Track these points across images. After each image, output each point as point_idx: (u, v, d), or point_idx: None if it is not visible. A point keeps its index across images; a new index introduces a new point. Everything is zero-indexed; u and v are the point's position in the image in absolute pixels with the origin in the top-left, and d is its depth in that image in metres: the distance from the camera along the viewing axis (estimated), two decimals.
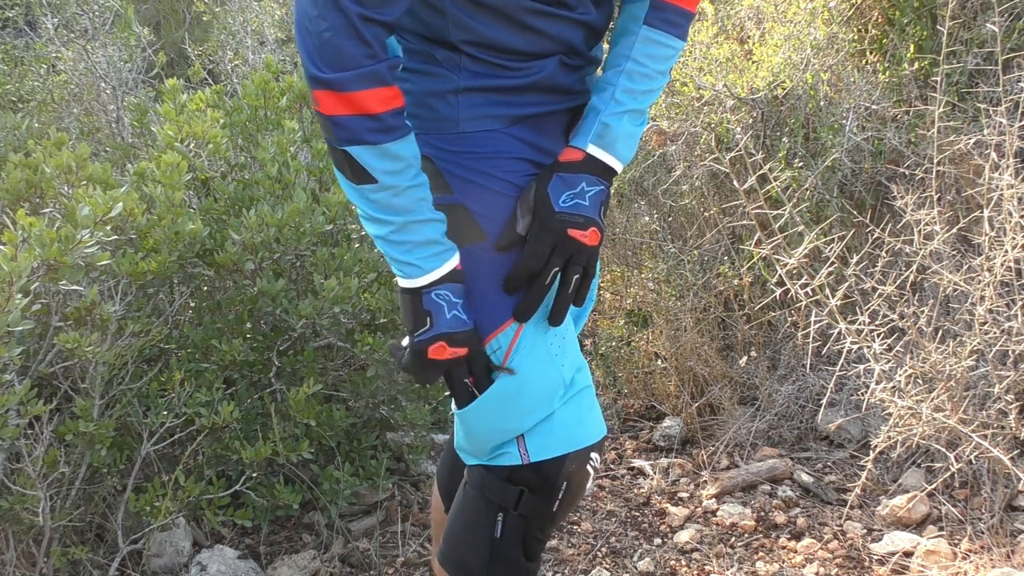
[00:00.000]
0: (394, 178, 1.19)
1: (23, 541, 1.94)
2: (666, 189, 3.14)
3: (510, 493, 1.34)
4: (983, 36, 2.64)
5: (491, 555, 1.35)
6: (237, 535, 2.39)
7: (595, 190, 1.29)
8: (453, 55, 1.28)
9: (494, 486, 1.35)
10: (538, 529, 1.36)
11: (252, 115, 2.53)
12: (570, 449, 1.32)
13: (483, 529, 1.35)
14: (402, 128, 1.19)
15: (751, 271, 2.82)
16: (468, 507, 1.39)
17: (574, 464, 1.33)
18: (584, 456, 1.33)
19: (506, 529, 1.34)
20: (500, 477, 1.34)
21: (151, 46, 4.16)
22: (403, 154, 1.19)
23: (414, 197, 1.22)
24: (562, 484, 1.33)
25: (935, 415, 2.10)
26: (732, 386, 2.90)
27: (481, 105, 1.29)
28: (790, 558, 2.24)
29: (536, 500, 1.33)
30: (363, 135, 1.16)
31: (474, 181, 1.30)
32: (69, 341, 1.80)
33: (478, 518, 1.36)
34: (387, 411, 2.42)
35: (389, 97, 1.15)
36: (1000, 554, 2.08)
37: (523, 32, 1.27)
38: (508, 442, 1.33)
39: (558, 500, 1.34)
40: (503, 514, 1.34)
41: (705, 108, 2.99)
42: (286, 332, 2.25)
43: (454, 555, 1.39)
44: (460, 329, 1.26)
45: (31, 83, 3.95)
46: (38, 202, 2.11)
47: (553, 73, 1.31)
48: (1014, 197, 2.07)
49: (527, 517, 1.34)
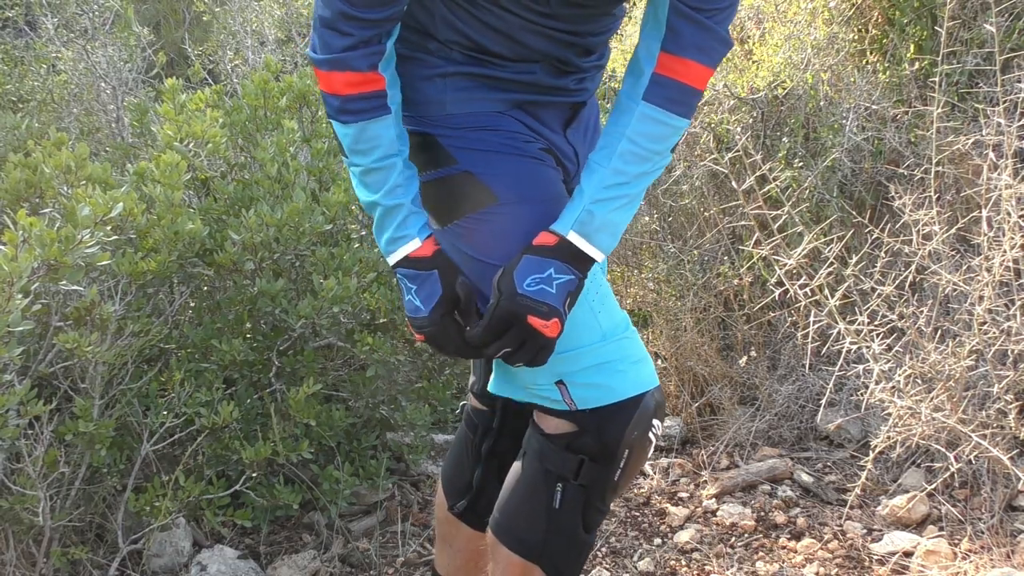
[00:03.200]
0: (358, 157, 1.27)
1: (23, 541, 1.94)
2: (666, 189, 3.14)
3: (570, 462, 1.30)
4: (983, 36, 2.64)
5: (548, 526, 1.32)
6: (237, 535, 2.39)
7: (564, 279, 1.23)
8: (443, 47, 1.31)
9: (554, 455, 1.31)
10: (599, 499, 1.33)
11: (252, 115, 2.53)
12: (616, 398, 1.28)
13: (541, 499, 1.32)
14: (367, 112, 1.25)
15: (751, 271, 2.82)
16: (527, 476, 1.35)
17: (635, 431, 1.29)
18: (646, 422, 1.30)
19: (565, 499, 1.31)
20: (561, 446, 1.31)
21: (151, 46, 4.15)
22: (367, 135, 1.25)
23: (377, 179, 1.27)
24: (623, 452, 1.30)
25: (935, 415, 2.10)
26: (732, 386, 2.90)
27: (469, 89, 1.31)
28: (790, 558, 2.24)
29: (597, 469, 1.30)
30: (333, 112, 1.26)
31: (476, 148, 1.31)
32: (69, 341, 1.80)
33: (536, 488, 1.33)
34: (387, 411, 2.42)
35: (357, 82, 1.23)
36: (1000, 554, 2.08)
37: (508, 42, 1.28)
38: (548, 386, 1.30)
39: (620, 468, 1.31)
40: (562, 484, 1.31)
41: (705, 108, 2.99)
42: (286, 332, 2.25)
43: (510, 524, 1.36)
44: (412, 314, 1.31)
45: (31, 83, 3.95)
46: (38, 202, 2.11)
47: (540, 76, 1.32)
48: (1013, 197, 2.07)
49: (587, 487, 1.31)
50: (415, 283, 1.30)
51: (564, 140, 1.40)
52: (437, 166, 1.32)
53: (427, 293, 1.29)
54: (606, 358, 1.29)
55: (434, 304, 1.29)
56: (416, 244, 1.29)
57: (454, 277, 1.30)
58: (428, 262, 1.29)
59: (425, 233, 1.30)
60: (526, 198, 1.30)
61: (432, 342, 1.32)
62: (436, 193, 1.33)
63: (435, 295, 1.29)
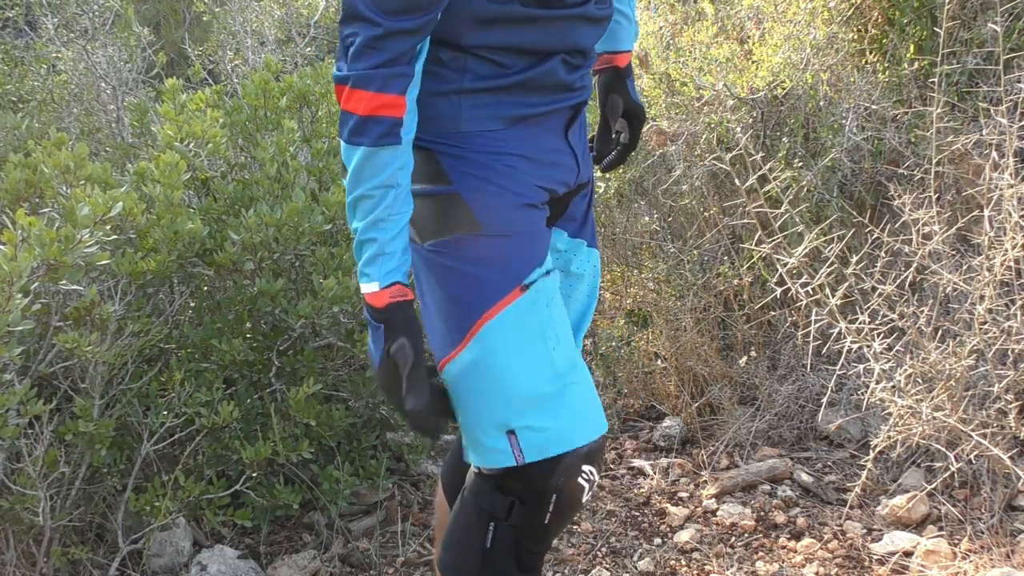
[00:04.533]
0: (359, 182, 1.24)
1: (23, 541, 1.94)
2: (666, 189, 3.14)
3: (501, 502, 1.32)
4: (983, 36, 2.64)
5: (483, 565, 1.34)
6: (237, 535, 2.39)
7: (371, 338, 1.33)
8: (459, 56, 1.29)
9: (486, 494, 1.33)
10: (531, 542, 1.34)
11: (252, 115, 2.53)
12: (566, 448, 1.29)
13: (475, 537, 1.34)
14: (380, 137, 1.22)
15: (751, 271, 2.82)
16: (463, 513, 1.38)
17: (563, 477, 1.29)
18: (575, 467, 1.30)
19: (496, 539, 1.32)
20: (491, 485, 1.33)
21: (151, 46, 4.15)
22: (374, 162, 1.23)
23: (365, 207, 1.24)
24: (551, 496, 1.30)
25: (935, 415, 2.10)
26: (732, 386, 2.90)
27: (484, 105, 1.31)
28: (790, 558, 2.24)
29: (526, 512, 1.31)
30: (347, 134, 1.23)
31: (472, 174, 1.31)
32: (69, 341, 1.80)
33: (471, 525, 1.35)
34: (387, 411, 2.42)
35: (381, 104, 1.21)
36: (1000, 554, 2.08)
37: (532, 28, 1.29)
38: (500, 438, 1.29)
39: (549, 512, 1.31)
40: (494, 523, 1.32)
41: (705, 108, 2.99)
42: (286, 332, 2.25)
43: (450, 560, 1.39)
44: (371, 356, 1.32)
45: (31, 83, 3.94)
46: (37, 202, 2.11)
47: (554, 69, 1.33)
48: (1014, 197, 2.07)
49: (518, 528, 1.32)
50: (369, 328, 1.30)
51: (566, 143, 1.41)
52: (430, 182, 1.31)
53: (375, 342, 1.29)
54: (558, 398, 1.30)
55: (378, 359, 1.28)
56: (374, 288, 1.26)
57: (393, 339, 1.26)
58: (378, 312, 1.27)
59: (388, 280, 1.26)
60: (508, 232, 1.31)
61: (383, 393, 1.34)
62: (422, 208, 1.32)
63: (379, 348, 1.28)
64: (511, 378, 1.28)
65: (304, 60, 4.52)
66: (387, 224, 1.25)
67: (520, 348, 1.29)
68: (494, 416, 1.29)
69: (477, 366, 1.29)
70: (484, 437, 1.31)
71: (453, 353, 1.31)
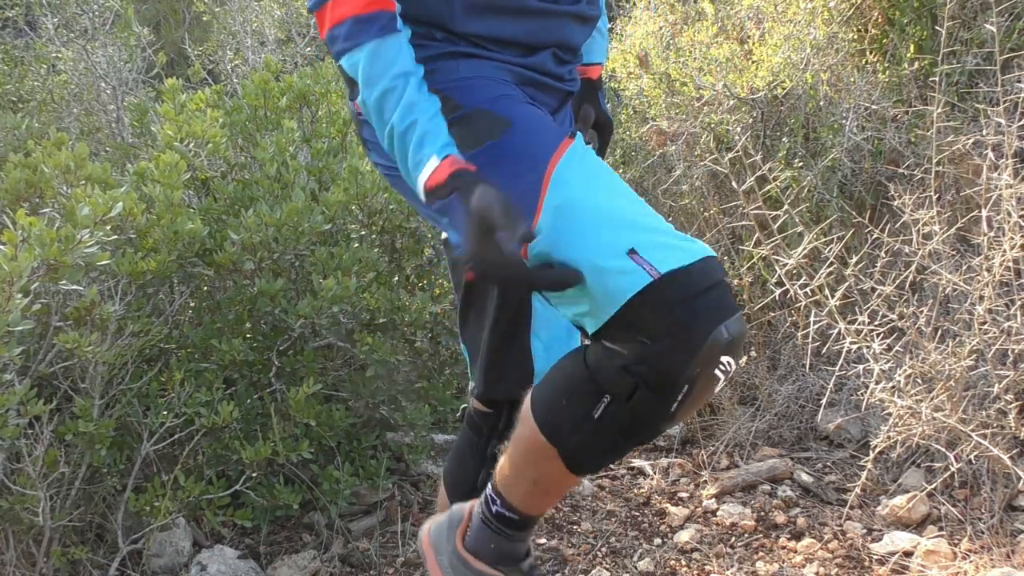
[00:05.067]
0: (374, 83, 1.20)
1: (23, 541, 1.94)
2: (666, 189, 3.14)
3: (624, 384, 1.16)
4: (983, 36, 2.64)
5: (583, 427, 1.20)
6: (237, 535, 2.39)
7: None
8: (451, 37, 1.31)
9: (607, 371, 1.17)
10: (648, 425, 1.21)
11: (252, 115, 2.53)
12: (698, 256, 1.14)
13: (583, 403, 1.20)
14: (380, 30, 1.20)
15: (751, 271, 2.82)
16: (573, 379, 1.22)
17: (700, 367, 1.14)
18: (715, 357, 1.15)
19: (608, 413, 1.18)
20: (617, 365, 1.16)
21: (151, 46, 4.16)
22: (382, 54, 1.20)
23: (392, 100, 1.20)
24: (683, 386, 1.15)
25: (935, 415, 2.10)
26: (732, 386, 2.90)
27: (481, 66, 1.32)
28: (790, 558, 2.24)
29: (651, 398, 1.16)
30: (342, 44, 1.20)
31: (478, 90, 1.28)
32: (69, 341, 1.80)
33: (580, 392, 1.21)
34: (387, 411, 2.42)
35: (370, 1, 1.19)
36: (1000, 554, 2.08)
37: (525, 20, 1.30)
38: (623, 261, 1.13)
39: (677, 401, 1.16)
40: (610, 399, 1.17)
41: (705, 108, 2.99)
42: (286, 332, 2.25)
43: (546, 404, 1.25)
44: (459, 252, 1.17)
45: (31, 83, 3.95)
46: (37, 202, 2.11)
47: (544, 61, 1.36)
48: (1013, 197, 2.07)
49: (637, 411, 1.17)
50: (446, 216, 1.19)
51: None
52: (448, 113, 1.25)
53: (455, 216, 1.16)
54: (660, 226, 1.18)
55: (465, 227, 1.13)
56: (434, 164, 1.17)
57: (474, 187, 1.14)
58: (446, 187, 1.17)
59: (444, 152, 1.18)
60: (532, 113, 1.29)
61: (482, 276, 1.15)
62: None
63: (465, 215, 1.14)
64: (603, 204, 1.18)
65: (304, 60, 4.52)
66: (422, 105, 1.20)
67: (596, 181, 1.21)
68: (605, 246, 1.14)
69: (564, 210, 1.17)
70: (606, 273, 1.13)
71: (535, 216, 1.18)
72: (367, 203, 2.43)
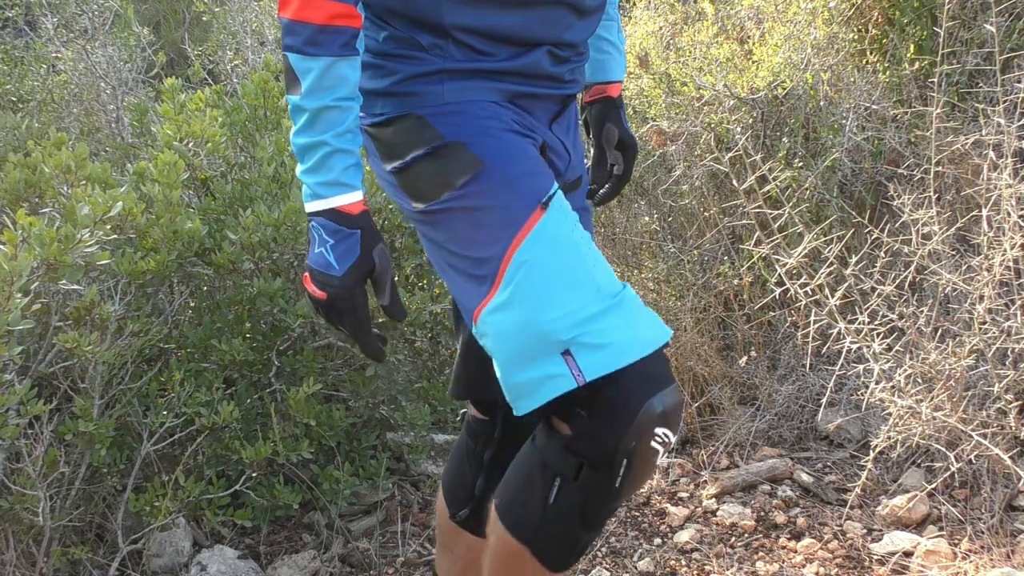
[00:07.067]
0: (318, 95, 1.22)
1: (23, 541, 1.94)
2: (666, 189, 3.14)
3: (569, 463, 1.22)
4: (983, 36, 2.64)
5: (543, 517, 1.26)
6: (237, 535, 2.39)
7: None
8: (439, 41, 1.28)
9: (553, 452, 1.24)
10: (599, 503, 1.26)
11: (251, 115, 2.53)
12: (629, 360, 1.18)
13: (538, 490, 1.26)
14: (341, 48, 1.21)
15: (751, 271, 2.82)
16: (526, 465, 1.29)
17: (635, 439, 1.19)
18: (648, 429, 1.20)
19: (561, 496, 1.24)
20: (560, 445, 1.23)
21: (151, 46, 4.16)
22: (334, 73, 1.21)
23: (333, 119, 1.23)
24: (622, 460, 1.20)
25: (935, 415, 2.10)
26: (732, 386, 2.90)
27: (467, 86, 1.29)
28: (790, 558, 2.24)
29: (596, 476, 1.22)
30: (300, 43, 1.21)
31: (462, 122, 1.28)
32: (69, 341, 1.80)
33: (533, 478, 1.27)
34: (387, 411, 2.42)
35: (341, 14, 1.21)
36: (1000, 554, 2.08)
37: (517, 11, 1.27)
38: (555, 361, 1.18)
39: (619, 477, 1.22)
40: (560, 480, 1.24)
41: (705, 108, 2.99)
42: (285, 332, 2.25)
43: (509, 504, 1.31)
44: (321, 268, 1.26)
45: (31, 83, 3.94)
46: (37, 202, 2.11)
47: (539, 60, 1.31)
48: (1012, 197, 2.07)
49: (586, 490, 1.23)
50: (333, 238, 1.25)
51: (551, 135, 1.40)
52: (424, 144, 1.28)
53: (343, 251, 1.24)
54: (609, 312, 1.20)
55: (350, 266, 1.24)
56: (356, 197, 1.25)
57: (374, 243, 1.26)
58: (354, 220, 1.25)
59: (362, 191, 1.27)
60: (511, 155, 1.28)
61: (332, 307, 1.27)
62: (420, 171, 1.29)
63: (352, 256, 1.24)
64: (556, 297, 1.20)
65: None
66: (356, 136, 1.25)
67: (558, 267, 1.22)
68: (545, 340, 1.19)
69: (517, 298, 1.21)
70: (538, 368, 1.20)
71: (488, 296, 1.24)
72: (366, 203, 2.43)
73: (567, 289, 1.21)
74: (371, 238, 1.27)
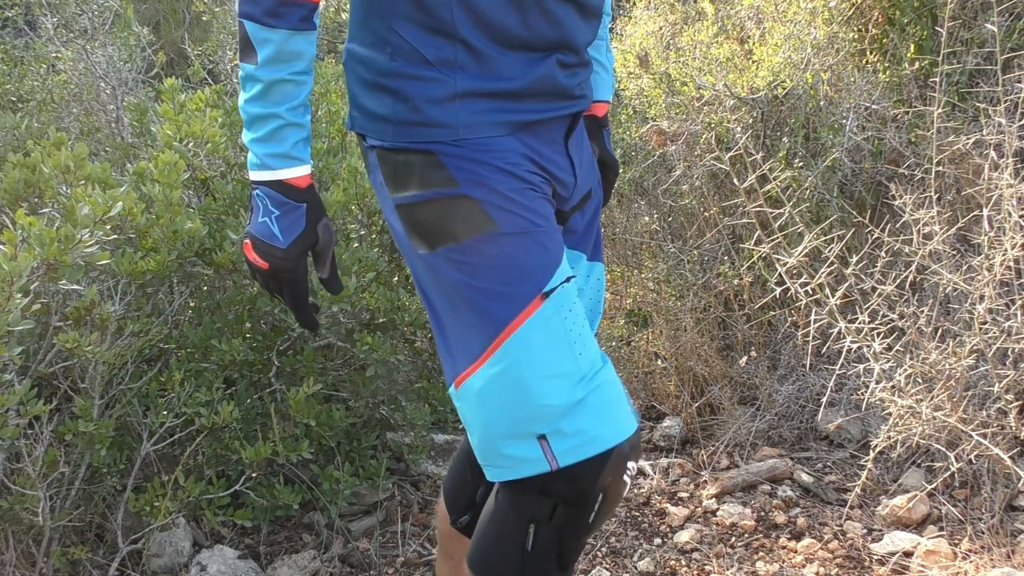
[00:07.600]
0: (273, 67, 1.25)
1: (23, 541, 1.94)
2: (666, 189, 3.14)
3: (543, 505, 1.27)
4: (983, 36, 2.64)
5: (522, 566, 1.29)
6: (237, 535, 2.39)
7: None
8: (447, 51, 1.25)
9: (526, 499, 1.28)
10: (573, 539, 1.30)
11: None
12: (601, 449, 1.23)
13: (514, 539, 1.29)
14: (299, 21, 1.23)
15: (751, 271, 2.82)
16: (500, 516, 1.32)
17: (610, 476, 1.25)
18: (620, 466, 1.26)
19: (538, 540, 1.28)
20: (533, 490, 1.27)
21: (151, 46, 4.15)
22: (291, 47, 1.24)
23: (287, 92, 1.26)
24: (598, 495, 1.26)
25: (935, 414, 2.10)
26: (732, 386, 2.90)
27: (481, 112, 1.26)
28: (790, 558, 2.24)
29: (570, 512, 1.27)
30: (261, 13, 1.22)
31: (479, 172, 1.26)
32: (69, 341, 1.80)
33: (509, 528, 1.30)
34: (387, 411, 2.42)
35: None
36: (1000, 554, 2.08)
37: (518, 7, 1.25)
38: (530, 446, 1.24)
39: (594, 512, 1.27)
40: (535, 525, 1.28)
41: (705, 108, 2.99)
42: (285, 332, 2.25)
43: (484, 559, 1.34)
44: (265, 238, 1.30)
45: (31, 83, 3.94)
46: (37, 202, 2.11)
47: (552, 73, 1.29)
48: (1013, 196, 2.07)
49: (561, 528, 1.28)
50: (279, 210, 1.29)
51: (565, 154, 1.38)
52: (434, 186, 1.26)
53: (289, 223, 1.29)
54: (587, 402, 1.25)
55: (295, 238, 1.29)
56: (305, 170, 1.29)
57: (319, 217, 1.31)
58: (301, 193, 1.28)
59: (310, 164, 1.31)
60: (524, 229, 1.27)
61: (274, 276, 1.32)
62: (426, 213, 1.27)
63: (298, 229, 1.29)
64: (541, 390, 1.23)
65: None
66: (307, 109, 1.29)
67: (548, 359, 1.24)
68: (523, 426, 1.24)
69: (502, 379, 1.24)
70: (513, 448, 1.26)
71: (473, 367, 1.26)
72: (366, 203, 2.43)
73: (553, 382, 1.24)
74: (316, 212, 1.31)
